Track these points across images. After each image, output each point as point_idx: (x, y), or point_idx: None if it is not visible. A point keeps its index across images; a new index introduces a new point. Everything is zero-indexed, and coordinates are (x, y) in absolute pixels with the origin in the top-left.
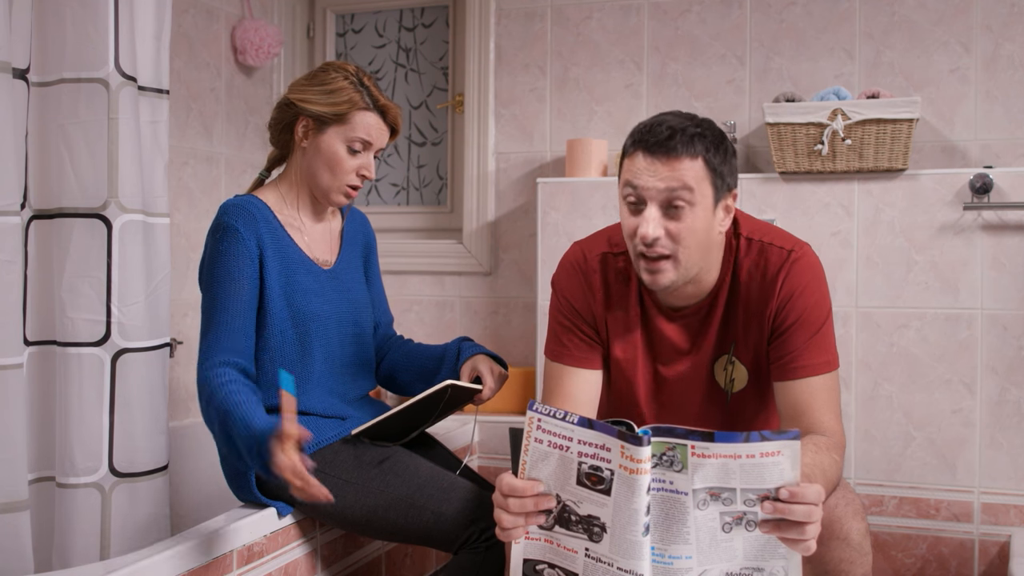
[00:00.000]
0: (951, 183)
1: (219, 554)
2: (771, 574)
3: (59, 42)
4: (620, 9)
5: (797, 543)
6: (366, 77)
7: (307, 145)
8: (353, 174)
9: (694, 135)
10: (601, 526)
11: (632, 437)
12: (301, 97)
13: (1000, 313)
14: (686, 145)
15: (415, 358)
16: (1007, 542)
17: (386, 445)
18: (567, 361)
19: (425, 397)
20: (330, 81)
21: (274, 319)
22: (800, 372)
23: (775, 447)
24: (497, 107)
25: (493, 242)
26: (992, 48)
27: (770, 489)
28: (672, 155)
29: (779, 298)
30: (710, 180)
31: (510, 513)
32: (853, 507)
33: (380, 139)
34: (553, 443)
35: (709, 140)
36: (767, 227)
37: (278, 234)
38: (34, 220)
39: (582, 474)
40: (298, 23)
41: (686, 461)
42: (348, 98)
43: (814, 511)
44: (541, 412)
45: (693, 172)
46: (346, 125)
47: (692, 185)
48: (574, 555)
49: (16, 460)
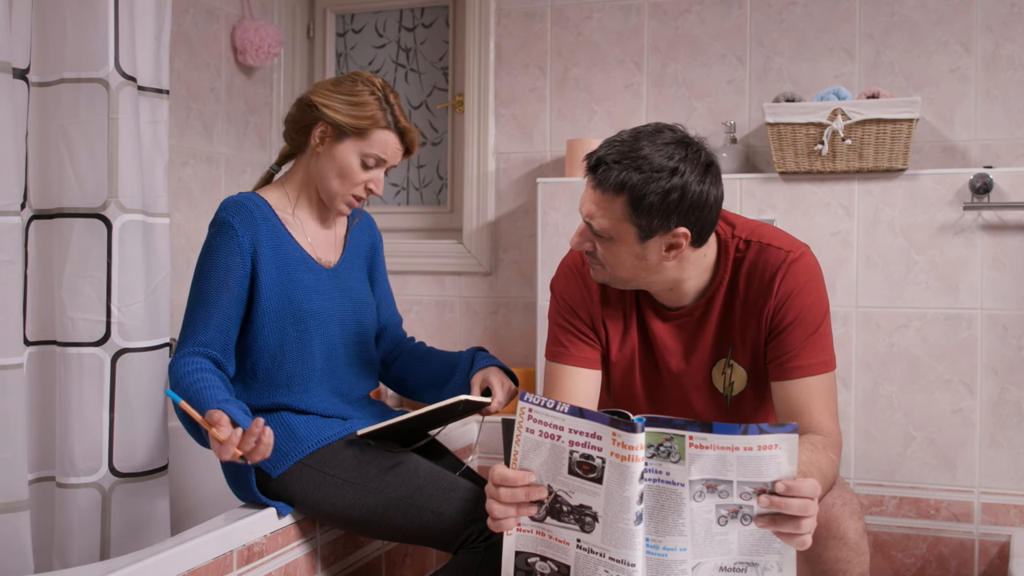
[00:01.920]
0: (951, 183)
1: (219, 554)
2: (765, 568)
3: (59, 42)
4: (620, 9)
5: (792, 537)
6: (392, 94)
7: (322, 151)
8: (361, 186)
9: (620, 172)
10: (593, 515)
11: (625, 424)
12: (325, 103)
13: (1000, 313)
14: (609, 180)
15: (427, 363)
16: (1007, 542)
17: (391, 450)
18: (566, 361)
19: (436, 409)
20: (357, 93)
21: (271, 316)
22: (797, 372)
23: (773, 440)
24: (497, 107)
25: (493, 242)
26: (992, 48)
27: (766, 483)
28: (597, 186)
29: (777, 298)
30: (631, 220)
31: (501, 503)
32: (850, 507)
33: (394, 158)
34: (544, 432)
35: (641, 179)
36: (766, 228)
37: (277, 232)
38: (34, 220)
39: (573, 463)
40: (298, 23)
41: (683, 452)
42: (372, 114)
43: (810, 505)
44: (532, 402)
45: (611, 209)
46: (364, 140)
47: (606, 221)
48: (566, 547)
49: (16, 460)
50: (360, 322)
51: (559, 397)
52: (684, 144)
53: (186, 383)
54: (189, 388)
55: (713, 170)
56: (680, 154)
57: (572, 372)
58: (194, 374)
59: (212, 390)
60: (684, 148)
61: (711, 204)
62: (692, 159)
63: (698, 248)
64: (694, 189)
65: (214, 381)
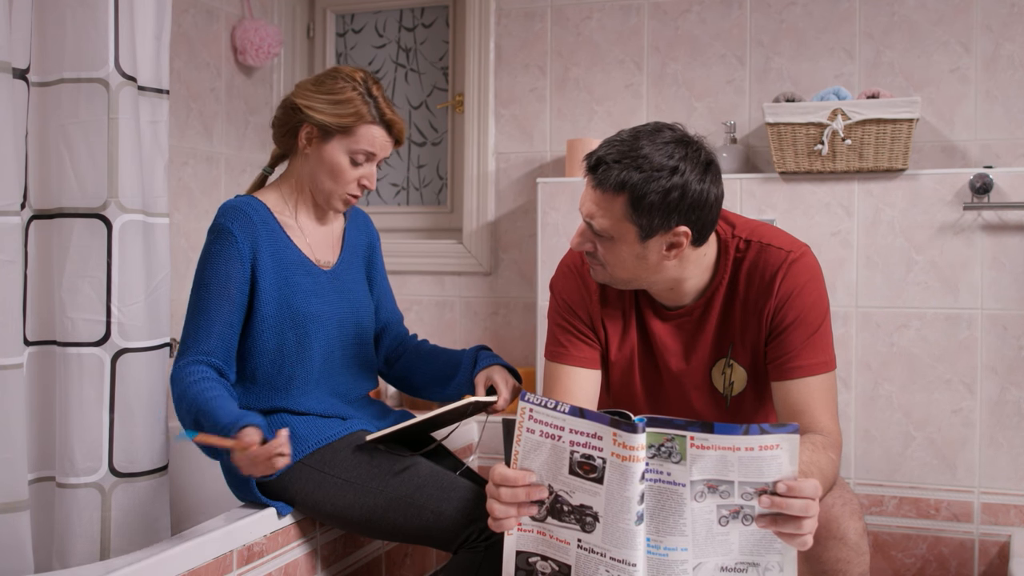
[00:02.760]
0: (951, 183)
1: (219, 554)
2: (766, 569)
3: (59, 42)
4: (620, 9)
5: (793, 538)
6: (375, 86)
7: (310, 152)
8: (354, 183)
9: (622, 172)
10: (594, 515)
11: (626, 424)
12: (307, 104)
13: (1000, 313)
14: (609, 180)
15: (431, 361)
16: (1007, 542)
17: (400, 454)
18: (566, 361)
19: (445, 412)
20: (338, 91)
21: (270, 321)
22: (797, 372)
23: (774, 440)
24: (497, 107)
25: (493, 242)
26: (992, 48)
27: (768, 483)
28: (597, 185)
29: (777, 297)
30: (632, 220)
31: (502, 503)
32: (850, 507)
33: (383, 151)
34: (545, 432)
35: (641, 178)
36: (766, 228)
37: (276, 236)
38: (34, 220)
39: (574, 463)
40: (298, 23)
41: (684, 452)
42: (355, 110)
43: (811, 505)
44: (533, 402)
45: (611, 208)
46: (351, 137)
47: (607, 221)
48: (567, 546)
49: (16, 460)
50: (358, 323)
51: (559, 397)
52: (684, 143)
53: (193, 392)
54: (197, 397)
55: (713, 168)
56: (680, 153)
57: (572, 372)
58: (200, 383)
59: (221, 400)
60: (684, 147)
61: (712, 203)
62: (692, 158)
63: (698, 247)
64: (695, 188)
65: (220, 391)
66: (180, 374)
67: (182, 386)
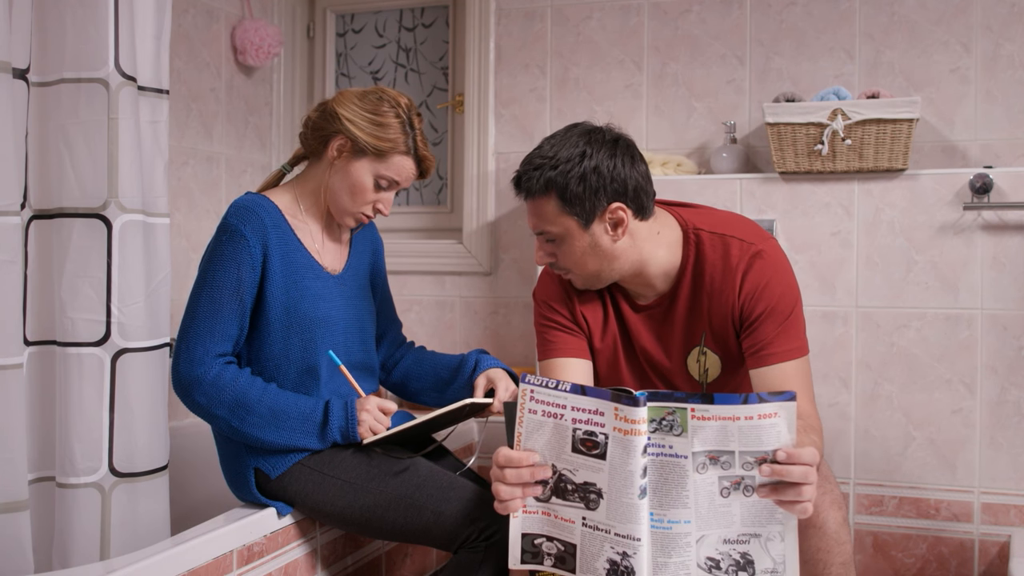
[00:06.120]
0: (951, 183)
1: (219, 554)
2: (768, 539)
3: (59, 42)
4: (620, 9)
5: (794, 505)
6: (417, 118)
7: (337, 164)
8: (370, 206)
9: (540, 175)
10: (597, 492)
11: (628, 398)
12: (349, 116)
13: (1000, 313)
14: (533, 186)
15: (430, 367)
16: (1007, 542)
17: (399, 456)
18: (555, 355)
19: (443, 413)
20: (382, 113)
21: (277, 324)
22: (772, 359)
23: (772, 409)
24: (497, 107)
25: (493, 242)
26: (992, 48)
27: (767, 451)
28: (528, 196)
29: (743, 293)
30: (567, 212)
31: (507, 484)
32: (831, 496)
33: (407, 182)
34: (547, 412)
35: (557, 173)
36: (730, 220)
37: (287, 238)
38: (34, 220)
39: (577, 440)
40: (298, 23)
41: (686, 424)
42: (394, 137)
43: (810, 472)
44: (534, 383)
45: (547, 210)
46: (382, 162)
47: (548, 223)
48: (572, 525)
49: (16, 460)
50: (363, 328)
51: None
52: (588, 132)
53: (256, 392)
54: (263, 395)
55: (622, 143)
56: (584, 139)
57: (563, 363)
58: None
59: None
60: (587, 135)
61: (631, 174)
62: (596, 141)
63: (645, 220)
64: (607, 164)
65: (274, 385)
66: (220, 380)
67: (239, 389)
